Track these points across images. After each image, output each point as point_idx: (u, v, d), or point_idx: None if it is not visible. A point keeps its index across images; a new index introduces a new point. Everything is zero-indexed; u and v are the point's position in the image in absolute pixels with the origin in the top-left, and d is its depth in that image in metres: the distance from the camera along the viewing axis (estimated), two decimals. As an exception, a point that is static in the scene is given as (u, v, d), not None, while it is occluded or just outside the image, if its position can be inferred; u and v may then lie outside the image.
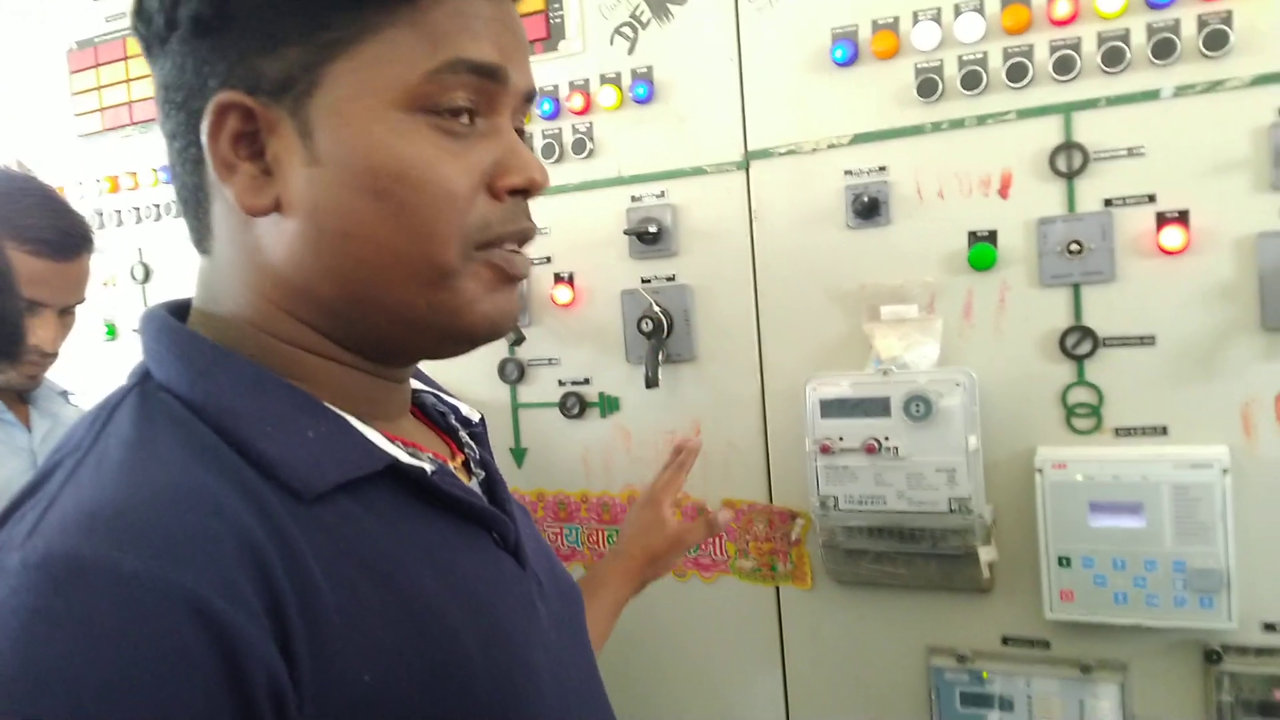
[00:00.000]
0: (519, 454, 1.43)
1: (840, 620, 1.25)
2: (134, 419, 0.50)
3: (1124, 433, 1.09)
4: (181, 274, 1.69)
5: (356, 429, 0.55)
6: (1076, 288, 1.09)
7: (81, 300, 1.35)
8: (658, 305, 1.29)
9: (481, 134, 0.55)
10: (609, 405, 1.37)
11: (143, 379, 0.53)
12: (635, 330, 1.30)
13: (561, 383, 1.39)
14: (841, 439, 1.17)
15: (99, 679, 0.38)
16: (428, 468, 0.55)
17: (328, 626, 0.46)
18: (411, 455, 0.56)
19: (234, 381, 0.52)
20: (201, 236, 0.58)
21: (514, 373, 1.41)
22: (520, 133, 0.61)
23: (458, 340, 0.58)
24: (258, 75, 0.52)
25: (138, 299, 1.73)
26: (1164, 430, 1.07)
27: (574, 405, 1.38)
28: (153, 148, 1.68)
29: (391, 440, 0.56)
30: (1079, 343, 1.09)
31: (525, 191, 0.57)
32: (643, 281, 1.32)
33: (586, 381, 1.38)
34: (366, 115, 0.52)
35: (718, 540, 1.32)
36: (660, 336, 1.29)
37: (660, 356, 1.29)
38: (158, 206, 1.69)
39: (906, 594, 1.21)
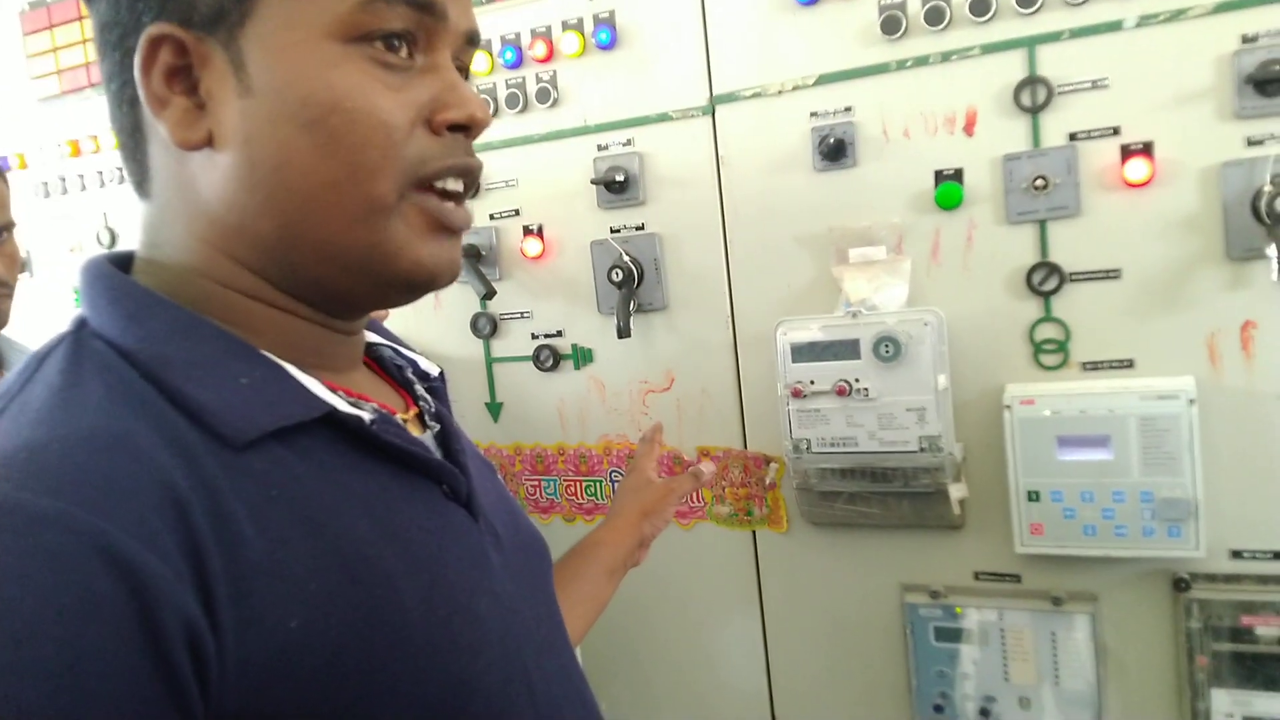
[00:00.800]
0: (495, 408, 1.43)
1: (816, 561, 1.27)
2: (62, 366, 0.49)
3: (1091, 367, 1.09)
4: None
5: (293, 376, 0.54)
6: (1042, 224, 1.09)
7: (10, 222, 1.30)
8: (627, 255, 1.29)
9: (420, 70, 0.55)
10: (582, 357, 1.37)
11: (78, 327, 0.53)
12: (606, 281, 1.30)
13: (534, 336, 1.39)
14: (813, 382, 1.17)
15: (3, 621, 0.38)
16: (366, 416, 0.54)
17: (251, 572, 0.45)
18: (353, 405, 0.55)
19: (166, 327, 0.51)
20: (141, 180, 0.57)
21: (486, 327, 1.41)
22: (464, 73, 0.60)
23: (393, 285, 0.56)
24: (190, 8, 0.51)
25: (106, 266, 1.71)
26: (1130, 364, 1.08)
27: (547, 358, 1.38)
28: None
29: (334, 390, 0.55)
30: (1045, 279, 1.09)
31: (466, 129, 0.56)
32: (612, 231, 1.31)
33: (559, 334, 1.38)
34: (299, 46, 0.51)
35: (694, 488, 1.33)
36: (631, 286, 1.29)
37: (631, 306, 1.29)
38: (120, 170, 1.67)
39: (880, 533, 1.22)
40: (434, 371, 0.72)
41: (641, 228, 1.30)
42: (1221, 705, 1.08)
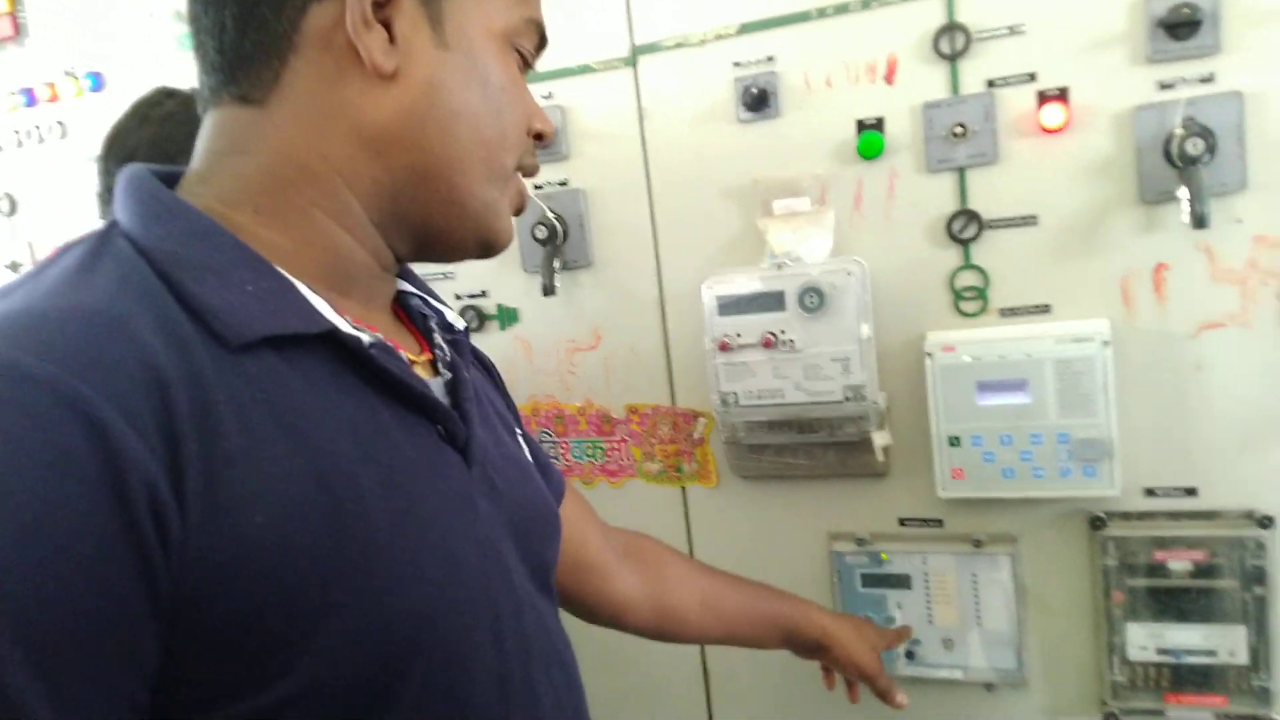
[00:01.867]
0: (419, 371, 1.40)
1: (745, 514, 1.27)
2: (82, 255, 0.51)
3: (1009, 313, 1.11)
4: (53, 203, 1.59)
5: (301, 292, 0.55)
6: (962, 172, 1.09)
7: None
8: (551, 211, 1.26)
9: (524, 82, 0.66)
10: (508, 317, 1.34)
11: (109, 226, 0.54)
12: (530, 238, 1.27)
13: (458, 296, 1.36)
14: (739, 335, 1.17)
15: None
16: (366, 339, 0.56)
17: (225, 463, 0.46)
18: (356, 330, 0.56)
19: (184, 229, 0.53)
20: (254, 85, 0.58)
21: (409, 288, 1.37)
22: None
23: (479, 241, 0.65)
24: None
25: (5, 233, 1.62)
26: (1047, 309, 1.09)
27: (472, 319, 1.35)
28: (3, 70, 1.56)
29: (341, 315, 0.56)
30: (965, 227, 1.10)
31: (540, 137, 0.68)
32: (535, 188, 1.28)
33: (483, 294, 1.35)
34: (488, 28, 0.62)
35: (624, 445, 1.32)
36: (555, 243, 1.26)
37: (556, 264, 1.27)
38: (18, 133, 1.58)
39: (807, 484, 1.23)
40: (459, 325, 0.73)
41: (565, 183, 1.27)
42: (1136, 638, 1.11)
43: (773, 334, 1.15)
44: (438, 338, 0.69)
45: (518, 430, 0.79)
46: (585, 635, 1.37)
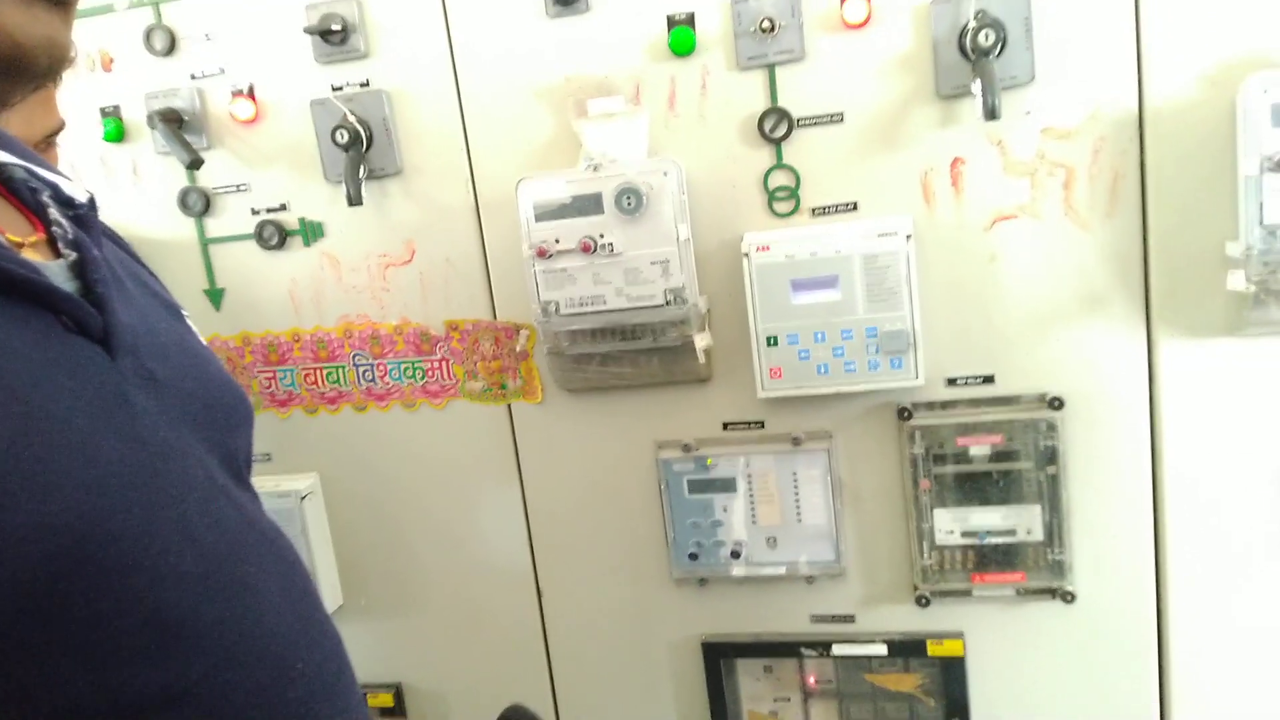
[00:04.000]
0: (215, 295, 1.30)
1: (572, 428, 1.25)
2: None
3: (820, 212, 1.12)
4: None
5: None
6: (771, 69, 1.09)
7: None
8: (353, 115, 1.18)
9: None
10: (312, 232, 1.26)
11: None
12: (331, 144, 1.19)
13: (255, 211, 1.26)
14: (558, 241, 1.13)
15: None
16: None
17: None
18: None
19: None
20: None
21: (198, 203, 1.26)
22: None
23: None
24: None
25: None
26: (855, 206, 1.11)
27: (272, 235, 1.25)
28: None
29: None
30: (776, 125, 1.10)
31: None
32: (333, 89, 1.19)
33: (283, 208, 1.25)
34: None
35: (445, 364, 1.27)
36: (359, 149, 1.18)
37: (362, 172, 1.19)
38: None
39: (633, 393, 1.21)
40: (81, 197, 0.61)
41: (367, 84, 1.19)
42: (943, 523, 1.17)
43: (591, 238, 1.12)
44: (54, 213, 0.59)
45: (185, 313, 0.71)
46: (424, 569, 1.32)
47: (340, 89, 1.19)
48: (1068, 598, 1.14)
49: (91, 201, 0.62)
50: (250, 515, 0.60)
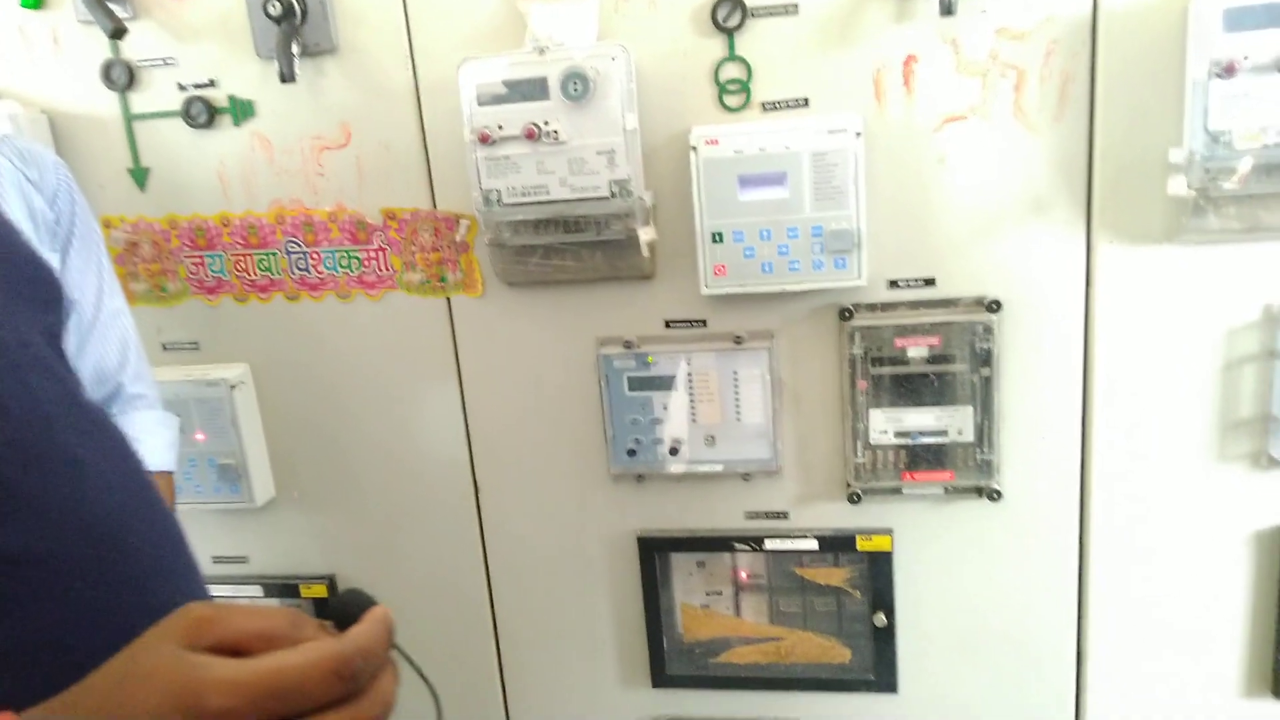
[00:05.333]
0: (140, 175, 1.23)
1: (513, 323, 1.23)
2: None
3: (771, 107, 1.10)
4: None
5: None
6: (727, -48, 1.06)
7: None
8: (285, -16, 1.12)
9: None
10: (242, 110, 1.20)
11: None
12: (263, 16, 1.12)
13: (182, 86, 1.19)
14: (501, 127, 1.10)
15: None
16: None
17: None
18: None
19: None
20: None
21: (122, 77, 1.19)
22: None
23: None
24: None
25: None
26: (806, 102, 1.09)
27: (200, 113, 1.19)
28: None
29: None
30: (730, 14, 1.07)
31: None
32: (264, -44, 1.13)
33: (212, 84, 1.19)
34: None
35: (382, 254, 1.23)
36: (292, 22, 1.12)
37: (296, 48, 1.13)
38: None
39: (575, 289, 1.20)
40: None
41: (300, -48, 1.12)
42: (878, 424, 1.18)
43: (536, 125, 1.09)
44: None
45: None
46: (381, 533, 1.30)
47: (271, -44, 1.12)
48: (994, 496, 1.17)
49: None
50: (72, 391, 0.58)
